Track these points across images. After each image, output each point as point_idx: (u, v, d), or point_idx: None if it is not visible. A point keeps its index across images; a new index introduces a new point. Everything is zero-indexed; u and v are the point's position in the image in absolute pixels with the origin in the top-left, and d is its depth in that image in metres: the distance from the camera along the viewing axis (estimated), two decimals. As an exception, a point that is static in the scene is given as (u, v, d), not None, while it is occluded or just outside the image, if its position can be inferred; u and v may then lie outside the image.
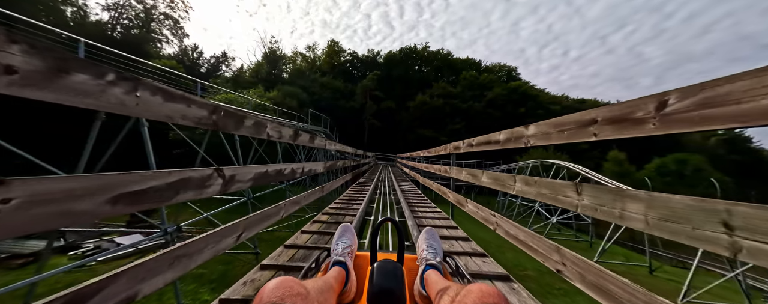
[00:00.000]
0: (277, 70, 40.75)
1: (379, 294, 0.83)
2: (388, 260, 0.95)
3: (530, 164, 19.03)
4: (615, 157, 25.90)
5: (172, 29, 33.11)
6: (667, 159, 24.44)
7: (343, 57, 46.94)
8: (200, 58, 42.41)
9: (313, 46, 49.14)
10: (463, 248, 2.28)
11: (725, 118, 0.65)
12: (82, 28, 23.59)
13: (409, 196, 5.44)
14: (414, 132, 34.23)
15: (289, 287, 0.56)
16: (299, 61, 46.00)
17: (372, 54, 48.41)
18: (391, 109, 37.07)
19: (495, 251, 9.54)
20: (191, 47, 40.85)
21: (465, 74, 41.65)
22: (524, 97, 38.15)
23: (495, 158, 26.57)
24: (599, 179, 11.76)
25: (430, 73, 44.31)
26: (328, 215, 3.42)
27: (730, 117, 0.64)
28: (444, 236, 2.58)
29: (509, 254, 10.58)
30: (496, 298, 0.55)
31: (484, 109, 36.06)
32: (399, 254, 1.08)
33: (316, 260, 1.08)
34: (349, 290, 0.91)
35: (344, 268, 0.94)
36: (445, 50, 47.76)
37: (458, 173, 3.11)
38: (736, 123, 0.63)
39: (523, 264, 10.16)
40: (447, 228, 2.95)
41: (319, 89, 35.32)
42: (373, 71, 41.60)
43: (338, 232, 1.18)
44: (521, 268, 9.96)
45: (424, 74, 43.95)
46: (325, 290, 0.71)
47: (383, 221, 1.18)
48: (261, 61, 41.08)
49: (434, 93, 36.90)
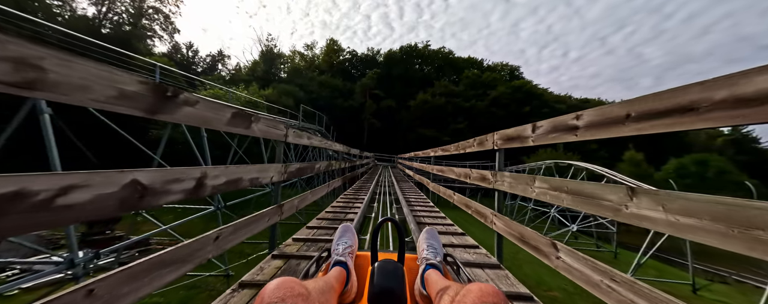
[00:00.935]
0: (274, 68, 39.47)
1: (380, 294, 0.82)
2: (388, 260, 0.95)
3: (543, 165, 17.60)
4: (632, 157, 24.33)
5: (162, 25, 31.73)
6: (686, 160, 22.89)
7: (342, 56, 45.63)
8: (196, 57, 41.34)
9: (311, 44, 47.82)
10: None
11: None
12: (68, 23, 22.28)
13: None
14: (415, 132, 32.82)
15: (290, 287, 0.56)
16: (297, 61, 44.73)
17: (372, 53, 47.11)
18: (392, 109, 35.67)
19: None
20: (186, 45, 39.78)
21: (467, 73, 40.34)
22: (529, 96, 36.79)
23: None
24: (627, 181, 10.32)
25: (432, 71, 42.93)
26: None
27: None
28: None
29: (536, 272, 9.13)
30: (495, 297, 0.55)
31: (488, 108, 34.65)
32: (399, 254, 1.07)
33: (317, 260, 1.04)
34: (350, 290, 0.91)
35: (345, 268, 0.94)
36: (447, 49, 46.52)
37: (501, 180, 1.97)
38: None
39: (545, 282, 8.72)
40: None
41: (318, 88, 33.99)
42: (372, 69, 40.26)
43: (339, 232, 1.19)
44: (545, 286, 8.51)
45: (425, 73, 42.61)
46: (326, 291, 0.71)
47: (383, 220, 1.15)
48: (257, 59, 39.83)
49: (436, 91, 35.50)
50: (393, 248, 1.70)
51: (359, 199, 4.56)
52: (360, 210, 3.51)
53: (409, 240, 2.44)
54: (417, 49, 45.24)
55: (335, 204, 4.07)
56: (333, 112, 33.12)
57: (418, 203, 4.46)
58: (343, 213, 3.45)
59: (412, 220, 3.02)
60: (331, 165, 5.12)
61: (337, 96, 34.53)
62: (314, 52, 47.04)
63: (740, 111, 0.67)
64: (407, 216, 3.24)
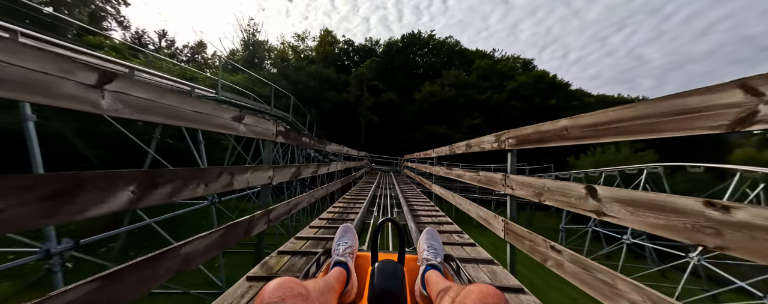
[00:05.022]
0: (258, 58, 34.48)
1: (380, 294, 0.82)
2: (388, 261, 0.94)
3: (603, 172, 12.33)
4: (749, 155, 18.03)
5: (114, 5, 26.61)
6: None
7: (337, 48, 40.59)
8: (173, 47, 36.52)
9: (303, 34, 42.86)
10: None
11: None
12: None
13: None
14: (421, 129, 27.71)
15: (290, 287, 0.56)
16: (290, 54, 39.75)
17: (371, 43, 42.05)
18: (393, 103, 30.55)
19: None
20: (159, 33, 34.99)
21: (479, 62, 35.36)
22: (552, 88, 31.75)
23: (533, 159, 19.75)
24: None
25: (438, 62, 37.83)
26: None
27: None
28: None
29: None
30: (496, 298, 0.54)
31: (507, 102, 29.57)
32: (400, 255, 1.08)
33: (317, 260, 1.06)
34: (350, 290, 0.91)
35: (345, 268, 0.94)
36: (453, 39, 41.40)
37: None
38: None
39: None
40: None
41: (305, 78, 28.96)
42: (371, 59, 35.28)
43: (339, 232, 1.18)
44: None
45: (430, 63, 37.54)
46: (326, 291, 0.71)
47: (384, 221, 1.13)
48: (237, 47, 34.97)
49: (445, 82, 30.39)
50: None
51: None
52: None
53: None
54: (421, 39, 40.03)
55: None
56: (324, 105, 28.17)
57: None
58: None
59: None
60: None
61: (328, 88, 29.47)
62: (306, 44, 42.16)
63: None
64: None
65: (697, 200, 0.78)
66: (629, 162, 14.44)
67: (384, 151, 22.62)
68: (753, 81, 0.68)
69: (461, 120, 27.92)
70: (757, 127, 0.67)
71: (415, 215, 3.34)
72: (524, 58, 41.59)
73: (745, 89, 0.69)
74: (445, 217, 3.30)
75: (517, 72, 34.65)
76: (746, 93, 0.69)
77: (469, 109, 28.60)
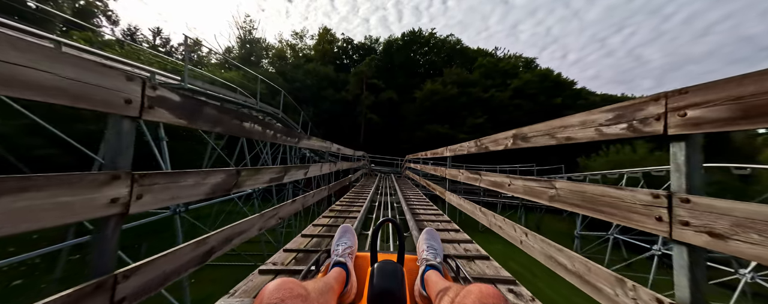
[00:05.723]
0: (254, 56, 33.44)
1: (380, 295, 0.81)
2: (388, 261, 0.93)
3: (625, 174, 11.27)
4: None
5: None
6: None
7: (336, 46, 39.53)
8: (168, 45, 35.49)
9: (301, 32, 41.81)
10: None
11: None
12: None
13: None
14: (423, 129, 26.69)
15: (290, 288, 0.55)
16: (288, 52, 38.69)
17: (370, 41, 41.06)
18: (393, 101, 29.54)
19: None
20: (153, 31, 34.00)
21: (481, 60, 34.36)
22: (557, 86, 30.75)
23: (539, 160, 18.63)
24: None
25: (439, 60, 36.79)
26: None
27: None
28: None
29: None
30: (495, 298, 0.54)
31: (511, 100, 28.54)
32: (399, 255, 1.06)
33: (317, 261, 1.06)
34: (350, 290, 0.89)
35: (344, 269, 0.93)
36: (455, 38, 40.36)
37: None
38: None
39: None
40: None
41: (303, 76, 27.95)
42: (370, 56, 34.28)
43: (338, 233, 1.17)
44: None
45: (431, 61, 36.54)
46: (326, 291, 0.70)
47: (383, 221, 1.12)
48: (233, 45, 33.97)
49: (447, 80, 29.38)
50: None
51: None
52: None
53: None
54: (421, 37, 39.00)
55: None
56: (322, 104, 27.16)
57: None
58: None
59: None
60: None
61: (326, 86, 28.46)
62: (305, 42, 41.09)
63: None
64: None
65: None
66: (647, 162, 13.39)
67: (384, 151, 21.60)
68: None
69: (464, 119, 26.90)
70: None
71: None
72: (526, 58, 40.60)
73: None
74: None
75: (519, 70, 33.70)
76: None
77: (472, 108, 27.59)
